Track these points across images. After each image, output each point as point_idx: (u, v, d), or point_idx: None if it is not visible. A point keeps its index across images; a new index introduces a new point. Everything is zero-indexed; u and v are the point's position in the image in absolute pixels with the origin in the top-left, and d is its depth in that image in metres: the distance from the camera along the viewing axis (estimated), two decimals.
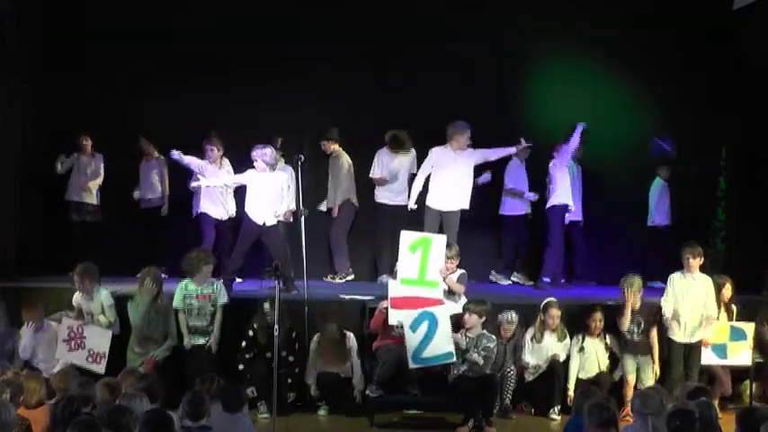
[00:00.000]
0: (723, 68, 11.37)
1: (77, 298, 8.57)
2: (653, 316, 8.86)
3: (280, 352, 7.85)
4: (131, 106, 10.89)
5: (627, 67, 11.38)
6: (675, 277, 8.87)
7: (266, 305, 8.42)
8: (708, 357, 8.44)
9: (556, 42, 11.21)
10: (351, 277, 11.06)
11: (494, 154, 10.41)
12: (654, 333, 8.85)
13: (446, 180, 10.03)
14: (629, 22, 11.30)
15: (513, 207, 11.23)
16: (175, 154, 10.16)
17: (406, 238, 8.53)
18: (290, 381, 8.44)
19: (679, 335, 8.73)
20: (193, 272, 8.65)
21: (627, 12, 11.26)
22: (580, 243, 11.32)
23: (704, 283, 8.83)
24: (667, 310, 8.73)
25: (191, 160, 10.24)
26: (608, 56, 11.33)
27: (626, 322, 8.71)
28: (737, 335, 8.49)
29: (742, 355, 8.45)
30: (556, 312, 8.87)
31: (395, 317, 8.38)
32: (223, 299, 8.68)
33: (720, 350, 8.52)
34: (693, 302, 8.69)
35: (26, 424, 5.89)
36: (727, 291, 8.97)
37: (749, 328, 8.39)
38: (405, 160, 10.88)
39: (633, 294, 8.73)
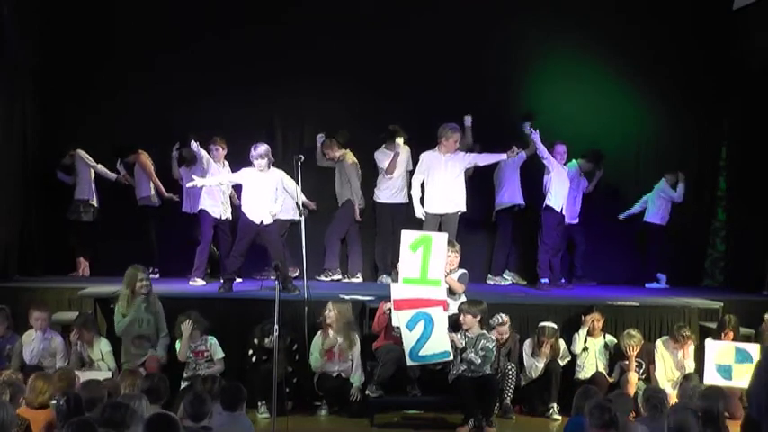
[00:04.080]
0: (723, 68, 11.38)
1: (78, 348, 8.49)
2: (651, 355, 8.84)
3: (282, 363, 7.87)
4: (130, 105, 10.91)
5: (627, 67, 11.40)
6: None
7: (267, 340, 8.38)
8: (712, 378, 8.29)
9: (556, 43, 11.23)
10: (337, 277, 11.05)
11: (484, 159, 10.38)
12: (653, 371, 8.81)
13: (438, 183, 10.03)
14: (629, 22, 11.31)
15: (509, 198, 11.18)
16: (195, 145, 10.19)
17: (407, 237, 8.52)
18: (287, 390, 8.42)
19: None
20: (201, 329, 8.49)
21: (627, 12, 11.26)
22: (580, 242, 11.33)
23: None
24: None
25: (204, 155, 10.26)
26: (608, 56, 11.36)
27: (633, 378, 8.62)
28: (743, 356, 8.34)
29: (747, 377, 8.33)
30: (549, 341, 8.78)
31: (398, 318, 8.37)
32: (220, 354, 8.51)
33: (725, 371, 8.39)
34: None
35: (26, 424, 5.88)
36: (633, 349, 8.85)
37: (755, 349, 8.29)
38: (402, 157, 10.88)
39: (635, 348, 8.70)
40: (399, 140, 10.67)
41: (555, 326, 8.88)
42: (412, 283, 8.43)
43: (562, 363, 8.92)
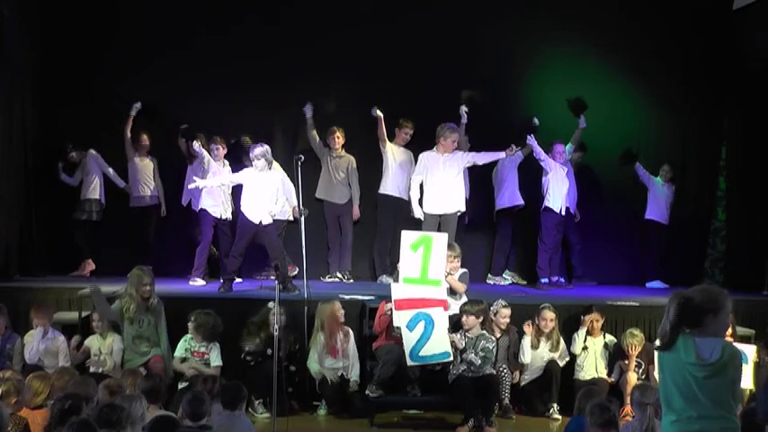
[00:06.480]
0: (723, 68, 11.37)
1: (91, 339, 8.55)
2: (651, 355, 8.81)
3: (281, 362, 7.85)
4: (130, 105, 10.89)
5: (627, 66, 11.40)
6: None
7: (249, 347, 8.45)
8: None
9: (557, 41, 11.22)
10: (336, 279, 11.05)
11: (483, 157, 10.36)
12: (652, 371, 8.78)
13: (437, 183, 10.04)
14: (629, 21, 11.30)
15: (508, 199, 11.18)
16: (196, 145, 10.25)
17: (407, 237, 8.53)
18: (290, 390, 8.44)
19: None
20: (207, 333, 8.51)
21: (627, 12, 11.26)
22: (576, 241, 11.33)
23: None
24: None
25: (205, 155, 10.31)
26: (608, 56, 11.36)
27: (633, 378, 8.60)
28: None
29: (743, 378, 8.26)
30: (549, 315, 8.87)
31: (399, 318, 8.38)
32: (216, 361, 8.47)
33: None
34: None
35: (23, 423, 5.87)
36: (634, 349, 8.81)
37: (750, 350, 8.28)
38: (405, 157, 10.87)
39: (636, 348, 8.70)
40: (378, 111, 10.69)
41: (553, 314, 8.89)
42: (412, 282, 8.44)
43: (561, 363, 8.92)
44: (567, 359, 9.00)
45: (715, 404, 4.40)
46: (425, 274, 8.43)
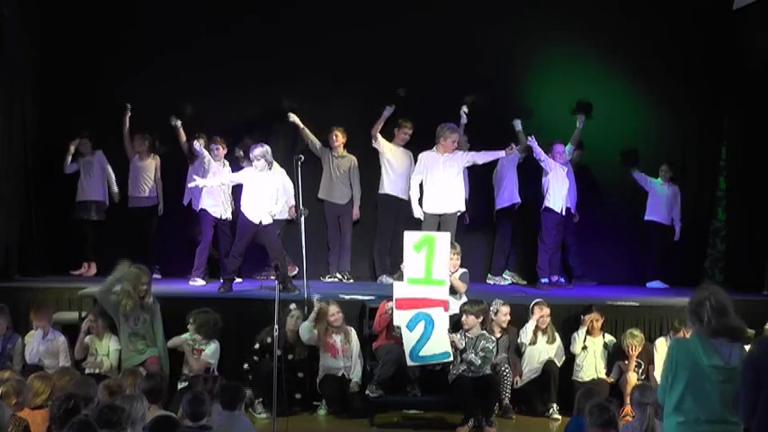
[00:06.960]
0: (723, 68, 11.37)
1: (89, 338, 8.56)
2: (651, 355, 8.81)
3: (282, 364, 7.86)
4: (131, 104, 10.89)
5: (627, 66, 11.39)
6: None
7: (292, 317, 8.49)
8: None
9: (557, 41, 11.22)
10: (335, 279, 11.05)
11: (483, 157, 10.35)
12: (652, 371, 8.76)
13: (437, 183, 10.04)
14: (629, 21, 11.30)
15: (508, 198, 11.17)
16: (197, 145, 10.28)
17: (410, 238, 8.55)
18: (298, 396, 8.48)
19: None
20: (210, 332, 8.53)
21: (627, 11, 11.26)
22: (573, 242, 11.32)
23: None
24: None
25: (206, 155, 10.34)
26: (608, 56, 11.35)
27: (632, 378, 8.61)
28: None
29: None
30: (544, 311, 8.88)
31: (400, 318, 8.39)
32: (206, 357, 8.45)
33: None
34: None
35: (24, 424, 5.87)
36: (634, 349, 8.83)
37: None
38: (405, 158, 10.87)
39: (637, 348, 8.72)
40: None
41: (548, 309, 8.92)
42: (417, 283, 8.45)
43: (559, 363, 8.93)
44: (564, 358, 9.00)
45: (724, 408, 4.41)
46: (429, 273, 8.45)
